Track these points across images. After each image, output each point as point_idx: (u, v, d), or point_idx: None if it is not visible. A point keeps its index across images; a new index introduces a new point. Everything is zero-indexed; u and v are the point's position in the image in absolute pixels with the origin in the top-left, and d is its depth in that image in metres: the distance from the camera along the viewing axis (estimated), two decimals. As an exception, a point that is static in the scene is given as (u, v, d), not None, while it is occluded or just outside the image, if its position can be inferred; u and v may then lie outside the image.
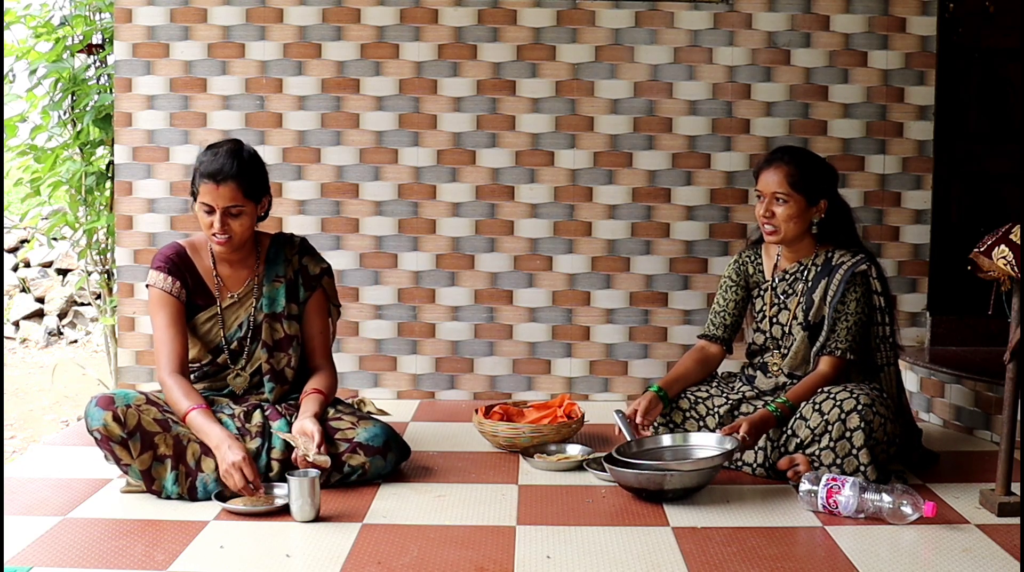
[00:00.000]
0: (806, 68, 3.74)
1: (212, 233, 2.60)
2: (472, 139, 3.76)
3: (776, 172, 2.76)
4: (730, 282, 2.98)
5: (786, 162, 2.76)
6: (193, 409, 2.51)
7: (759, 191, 2.81)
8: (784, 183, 2.74)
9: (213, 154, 2.59)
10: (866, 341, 2.79)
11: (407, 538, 2.25)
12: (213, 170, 2.56)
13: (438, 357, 3.82)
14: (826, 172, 2.83)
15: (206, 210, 2.59)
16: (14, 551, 2.13)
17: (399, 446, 2.70)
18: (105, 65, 4.27)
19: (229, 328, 2.72)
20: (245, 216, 2.61)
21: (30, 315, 7.06)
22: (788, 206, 2.75)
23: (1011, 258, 2.36)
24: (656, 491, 2.48)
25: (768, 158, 2.82)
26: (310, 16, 3.73)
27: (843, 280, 2.75)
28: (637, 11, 3.73)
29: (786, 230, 2.78)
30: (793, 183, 2.74)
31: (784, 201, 2.75)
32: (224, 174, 2.56)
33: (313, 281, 2.81)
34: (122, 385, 3.82)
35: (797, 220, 2.77)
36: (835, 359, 2.74)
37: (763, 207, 2.78)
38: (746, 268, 2.98)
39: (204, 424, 2.49)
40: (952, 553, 2.16)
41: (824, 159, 2.88)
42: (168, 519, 2.36)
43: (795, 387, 2.74)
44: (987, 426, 3.16)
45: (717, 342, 2.98)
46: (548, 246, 3.79)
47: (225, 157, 2.58)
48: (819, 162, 2.84)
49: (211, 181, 2.55)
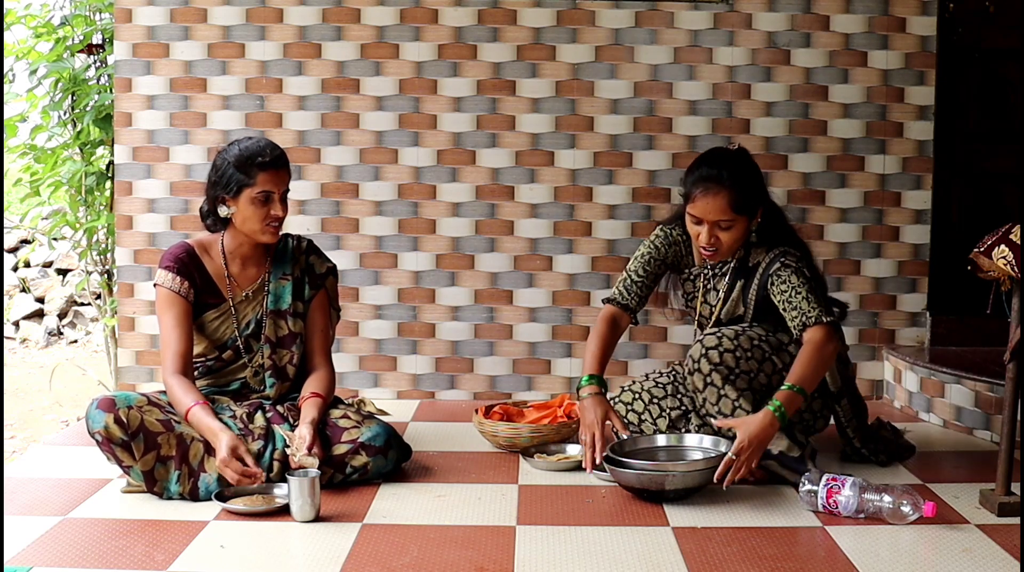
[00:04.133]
0: (806, 68, 3.74)
1: (268, 222, 2.64)
2: (472, 139, 3.77)
3: (717, 199, 2.56)
4: (655, 255, 2.80)
5: (726, 186, 2.55)
6: (195, 405, 2.52)
7: (696, 216, 2.60)
8: (728, 210, 2.57)
9: (256, 143, 2.64)
10: None
11: (407, 538, 2.25)
12: (273, 156, 2.62)
13: (438, 357, 3.82)
14: (758, 178, 2.68)
15: (263, 199, 2.61)
16: (14, 551, 2.13)
17: (400, 446, 2.70)
18: (105, 65, 4.28)
19: (239, 325, 2.73)
20: (287, 201, 2.69)
21: (30, 315, 7.07)
22: (734, 230, 2.60)
23: (1011, 258, 2.36)
24: (657, 491, 2.47)
25: (702, 180, 2.58)
26: (310, 16, 3.73)
27: (763, 282, 2.67)
28: (637, 11, 3.73)
29: (730, 250, 2.66)
30: (737, 207, 2.57)
31: (729, 227, 2.59)
32: (282, 158, 2.65)
33: (319, 280, 2.82)
34: (122, 386, 3.82)
35: (741, 238, 2.65)
36: (817, 326, 2.55)
37: (707, 235, 2.60)
38: (678, 248, 2.82)
39: (204, 418, 2.51)
40: (952, 553, 2.16)
41: (750, 159, 2.70)
42: (168, 519, 2.36)
43: (793, 368, 2.54)
44: (987, 426, 3.16)
45: (628, 312, 2.83)
46: (548, 246, 3.79)
47: (270, 145, 2.65)
48: (751, 170, 2.66)
49: (272, 167, 2.61)
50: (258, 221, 2.63)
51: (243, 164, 2.59)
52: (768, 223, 2.70)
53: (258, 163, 2.59)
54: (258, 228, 2.64)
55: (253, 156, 2.59)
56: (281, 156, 2.65)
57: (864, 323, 3.80)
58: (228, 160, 2.61)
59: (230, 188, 2.61)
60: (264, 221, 2.63)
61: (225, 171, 2.61)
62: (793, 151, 3.75)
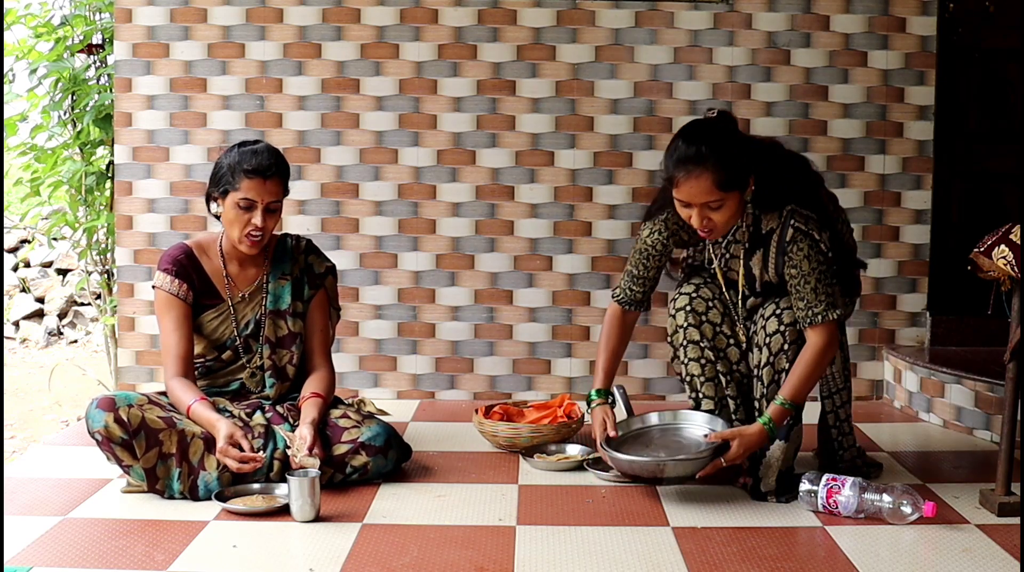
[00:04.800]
0: (806, 68, 3.74)
1: (248, 231, 2.61)
2: (472, 139, 3.76)
3: (700, 181, 2.37)
4: (652, 252, 2.66)
5: (710, 167, 2.36)
6: (195, 401, 2.54)
7: (682, 200, 2.42)
8: (714, 190, 2.37)
9: (252, 151, 2.61)
10: None
11: (407, 538, 2.25)
12: (262, 165, 2.58)
13: (438, 357, 3.82)
14: (742, 146, 2.46)
15: (245, 206, 2.59)
16: (14, 551, 2.14)
17: (400, 446, 2.71)
18: (105, 65, 4.27)
19: (238, 325, 2.73)
20: (279, 212, 2.66)
21: (30, 315, 7.07)
22: (725, 208, 2.41)
23: (1011, 258, 2.37)
24: (652, 479, 2.55)
25: (682, 162, 2.39)
26: (310, 16, 3.73)
27: (778, 251, 2.49)
28: (637, 11, 3.73)
29: (727, 226, 2.48)
30: (723, 185, 2.38)
31: (719, 206, 2.40)
32: (272, 169, 2.60)
33: (318, 279, 2.82)
34: (122, 386, 3.82)
35: (737, 213, 2.46)
36: (821, 326, 2.43)
37: (698, 218, 2.42)
38: (678, 235, 2.66)
39: (204, 412, 2.52)
40: (952, 553, 2.16)
41: (732, 126, 2.50)
42: (168, 519, 2.36)
43: (788, 377, 2.46)
44: (987, 426, 3.17)
45: (636, 307, 2.72)
46: (548, 246, 3.79)
47: (267, 153, 2.61)
48: (733, 140, 2.45)
49: (259, 176, 2.57)
50: (238, 228, 2.62)
51: (233, 167, 2.59)
52: (766, 188, 2.48)
53: (244, 170, 2.57)
54: (236, 235, 2.63)
55: (243, 162, 2.58)
56: (273, 167, 2.60)
57: (864, 323, 3.80)
58: (225, 160, 2.62)
59: (219, 187, 2.62)
60: (244, 229, 2.61)
61: (220, 169, 2.62)
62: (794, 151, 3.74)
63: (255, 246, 2.65)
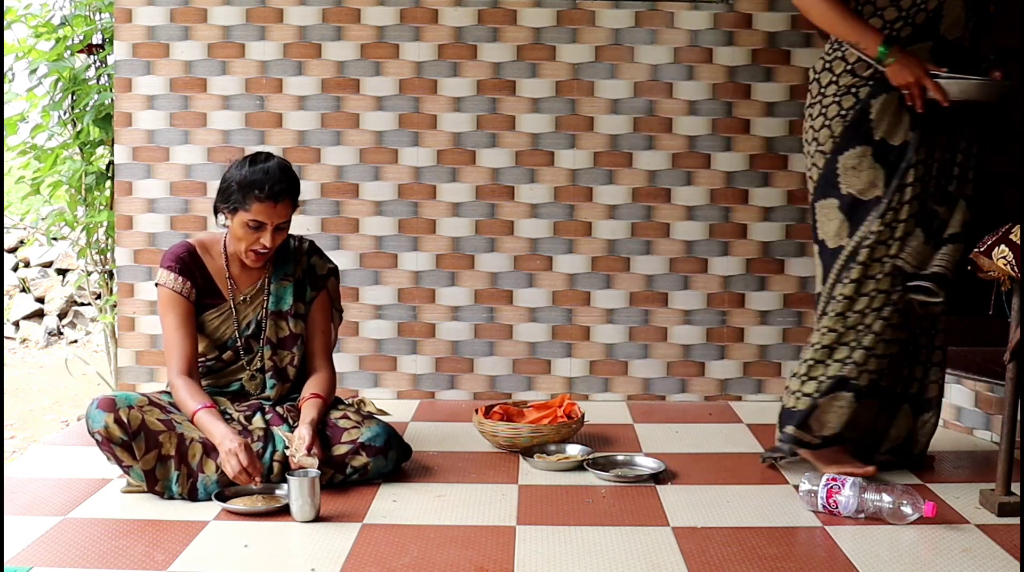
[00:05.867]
0: (806, 68, 3.74)
1: (255, 249, 2.61)
2: (472, 139, 3.77)
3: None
4: None
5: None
6: (201, 408, 2.52)
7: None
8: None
9: (264, 171, 2.57)
10: None
11: (407, 538, 2.25)
12: (275, 189, 2.56)
13: (438, 357, 3.82)
14: None
15: (254, 227, 2.59)
16: (14, 551, 2.14)
17: (400, 446, 2.71)
18: (105, 65, 4.28)
19: (239, 326, 2.73)
20: (287, 229, 2.66)
21: (30, 315, 7.07)
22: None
23: (1011, 258, 2.37)
24: None
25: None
26: (310, 16, 3.73)
27: None
28: (637, 11, 3.73)
29: None
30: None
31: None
32: (284, 193, 2.58)
33: (320, 281, 2.82)
34: (122, 386, 3.82)
35: None
36: None
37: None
38: None
39: (210, 422, 2.50)
40: (952, 553, 2.17)
41: None
42: (168, 519, 2.36)
43: None
44: (987, 426, 3.17)
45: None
46: (548, 246, 3.79)
47: (278, 173, 2.58)
48: None
49: (270, 200, 2.56)
50: (245, 245, 2.62)
51: (244, 189, 2.57)
52: None
53: (255, 195, 2.56)
54: (242, 250, 2.64)
55: (254, 186, 2.55)
56: (284, 191, 2.58)
57: (864, 323, 3.80)
58: (235, 177, 2.59)
59: (229, 205, 2.61)
60: (250, 246, 2.62)
61: (230, 186, 2.60)
62: (793, 151, 3.75)
63: (259, 261, 2.66)
